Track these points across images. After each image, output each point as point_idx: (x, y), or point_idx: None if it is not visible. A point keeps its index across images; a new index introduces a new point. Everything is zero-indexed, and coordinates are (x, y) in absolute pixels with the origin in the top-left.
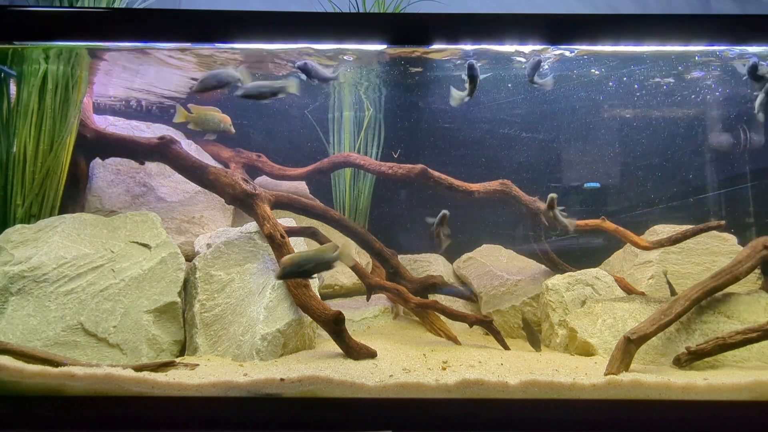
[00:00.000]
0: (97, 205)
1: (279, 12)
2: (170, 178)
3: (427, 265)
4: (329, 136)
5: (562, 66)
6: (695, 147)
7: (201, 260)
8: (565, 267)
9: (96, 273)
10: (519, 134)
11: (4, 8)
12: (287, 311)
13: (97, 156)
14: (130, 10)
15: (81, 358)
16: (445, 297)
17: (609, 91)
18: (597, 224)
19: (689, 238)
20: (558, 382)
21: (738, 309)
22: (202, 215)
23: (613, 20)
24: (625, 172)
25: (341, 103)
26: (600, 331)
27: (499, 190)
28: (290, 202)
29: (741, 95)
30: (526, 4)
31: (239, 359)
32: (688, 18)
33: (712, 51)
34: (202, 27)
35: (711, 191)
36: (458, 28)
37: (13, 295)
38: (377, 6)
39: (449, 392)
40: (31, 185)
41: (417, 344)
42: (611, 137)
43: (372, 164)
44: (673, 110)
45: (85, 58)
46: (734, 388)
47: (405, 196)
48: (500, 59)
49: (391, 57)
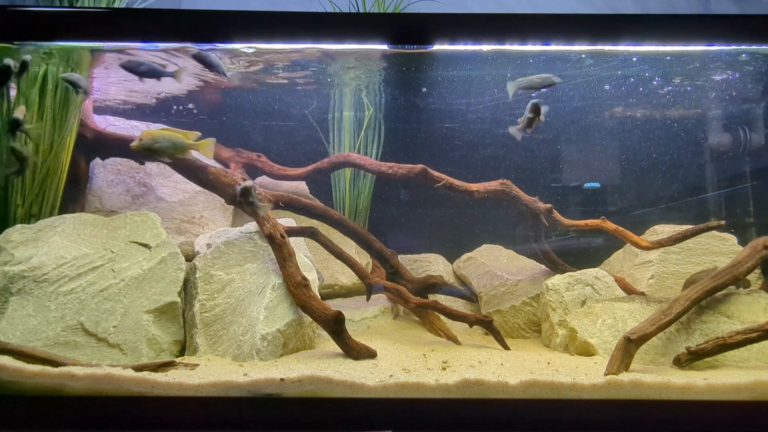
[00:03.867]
0: (97, 205)
1: (279, 12)
2: (170, 178)
3: (427, 265)
4: (329, 136)
5: (561, 66)
6: (695, 147)
7: (201, 260)
8: (565, 267)
9: (96, 273)
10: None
11: (4, 8)
12: (287, 311)
13: (97, 156)
14: (130, 10)
15: (81, 358)
16: (445, 297)
17: (609, 91)
18: (597, 224)
19: (689, 238)
20: (558, 382)
21: (738, 309)
22: (202, 215)
23: (613, 20)
24: (625, 172)
25: (341, 104)
26: (600, 331)
27: (499, 190)
28: (290, 202)
29: (741, 95)
30: (526, 4)
31: (239, 359)
32: (688, 18)
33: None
34: (202, 27)
35: (711, 191)
36: (458, 28)
37: (13, 295)
38: (377, 6)
39: (449, 392)
40: (31, 185)
41: (417, 344)
42: (611, 137)
43: (372, 164)
44: (673, 110)
45: (86, 58)
46: (734, 388)
47: (405, 196)
48: (502, 59)
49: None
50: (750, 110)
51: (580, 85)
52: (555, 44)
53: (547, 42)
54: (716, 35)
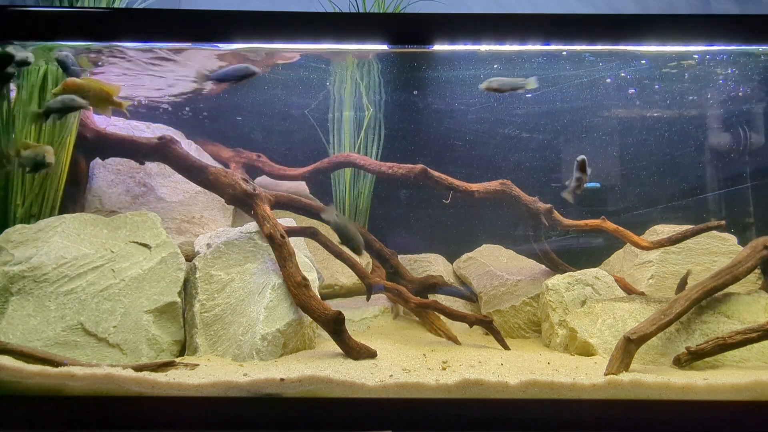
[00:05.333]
0: (97, 205)
1: (279, 12)
2: (170, 178)
3: (427, 265)
4: (329, 136)
5: (559, 66)
6: (695, 146)
7: (201, 260)
8: (565, 267)
9: (96, 273)
10: (519, 134)
11: (4, 8)
12: (287, 311)
13: (97, 156)
14: (130, 10)
15: (81, 358)
16: (445, 297)
17: (609, 91)
18: (597, 224)
19: (689, 238)
20: (558, 382)
21: (738, 309)
22: (202, 215)
23: (613, 20)
24: (626, 172)
25: (341, 103)
26: (600, 331)
27: (499, 190)
28: (290, 202)
29: (741, 95)
30: (526, 4)
31: (239, 359)
32: (688, 18)
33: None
34: (202, 27)
35: (711, 191)
36: (458, 28)
37: (13, 295)
38: (377, 6)
39: (449, 392)
40: (31, 185)
41: (417, 344)
42: (611, 137)
43: (372, 164)
44: (673, 110)
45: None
46: (734, 388)
47: (405, 196)
48: (504, 59)
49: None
50: (750, 110)
51: (579, 85)
52: (555, 44)
53: (547, 42)
54: (716, 35)
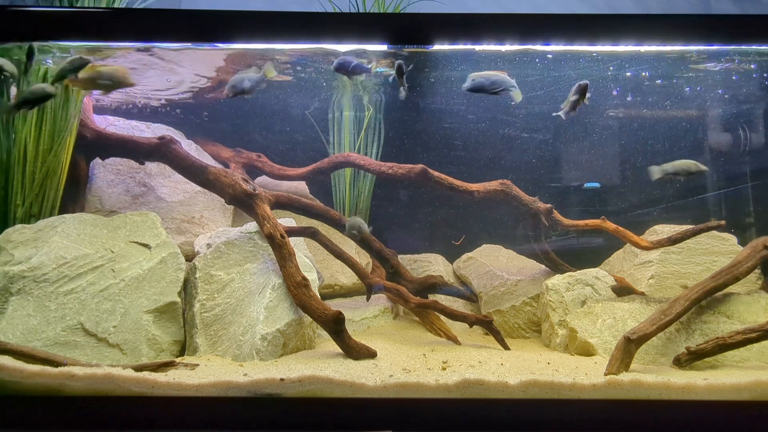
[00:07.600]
0: (97, 205)
1: (279, 12)
2: (170, 178)
3: (427, 265)
4: (329, 136)
5: (558, 66)
6: (695, 146)
7: (201, 260)
8: (565, 267)
9: (96, 273)
10: (519, 134)
11: (4, 8)
12: (287, 311)
13: (97, 156)
14: (130, 10)
15: (81, 358)
16: (445, 297)
17: (608, 91)
18: (597, 224)
19: (689, 238)
20: (558, 382)
21: (738, 309)
22: (202, 215)
23: (613, 20)
24: (625, 172)
25: (341, 103)
26: (600, 331)
27: (499, 190)
28: (290, 202)
29: (741, 95)
30: (527, 4)
31: (239, 359)
32: (688, 18)
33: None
34: (202, 27)
35: (711, 191)
36: (458, 28)
37: (13, 295)
38: (377, 6)
39: (449, 392)
40: (31, 185)
41: (417, 344)
42: (611, 137)
43: (372, 164)
44: (673, 110)
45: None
46: (734, 388)
47: (405, 196)
48: (506, 59)
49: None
50: (750, 110)
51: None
52: (555, 44)
53: (547, 42)
54: (716, 35)
